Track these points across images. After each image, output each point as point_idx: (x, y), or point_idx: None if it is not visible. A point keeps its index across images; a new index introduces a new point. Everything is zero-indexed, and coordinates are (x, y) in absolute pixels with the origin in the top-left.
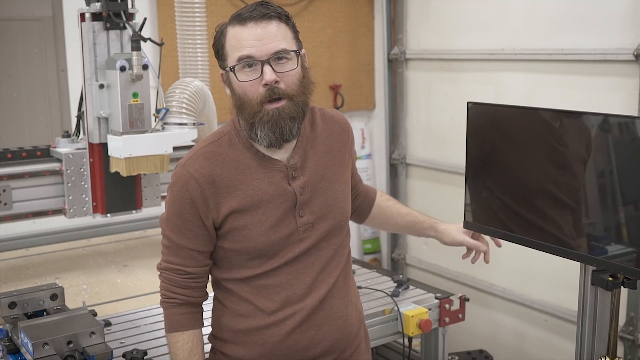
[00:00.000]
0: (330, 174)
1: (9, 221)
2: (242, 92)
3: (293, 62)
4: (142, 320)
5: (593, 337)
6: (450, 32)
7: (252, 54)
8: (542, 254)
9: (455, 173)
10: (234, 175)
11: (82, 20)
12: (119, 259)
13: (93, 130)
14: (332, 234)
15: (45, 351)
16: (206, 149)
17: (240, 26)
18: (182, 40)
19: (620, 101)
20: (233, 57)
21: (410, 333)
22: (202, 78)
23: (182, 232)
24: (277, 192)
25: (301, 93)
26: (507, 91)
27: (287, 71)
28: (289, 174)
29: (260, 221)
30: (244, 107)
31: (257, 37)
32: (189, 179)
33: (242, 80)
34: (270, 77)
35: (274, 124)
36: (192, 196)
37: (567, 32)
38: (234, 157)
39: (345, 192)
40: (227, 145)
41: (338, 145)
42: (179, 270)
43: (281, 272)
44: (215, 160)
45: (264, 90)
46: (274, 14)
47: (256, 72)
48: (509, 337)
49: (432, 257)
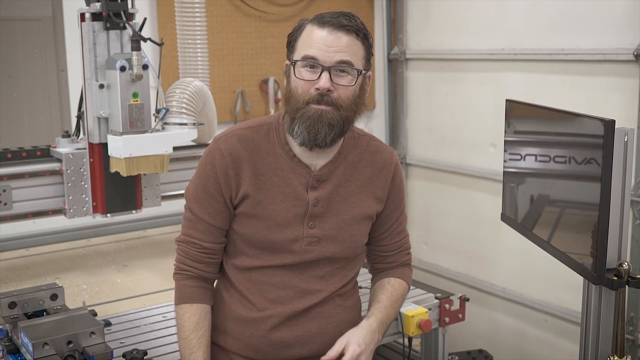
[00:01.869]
0: (354, 201)
1: (9, 221)
2: (294, 86)
3: (352, 78)
4: (142, 320)
5: (597, 337)
6: (450, 32)
7: (317, 57)
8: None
9: (456, 173)
10: (259, 164)
11: (82, 20)
12: (119, 259)
13: (93, 130)
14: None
15: (45, 351)
16: (242, 131)
17: (318, 27)
18: (182, 40)
19: (620, 101)
20: (300, 53)
21: (410, 333)
22: (202, 78)
23: (204, 205)
24: (293, 195)
25: (349, 108)
26: (507, 91)
27: (344, 85)
28: (311, 183)
29: (270, 216)
30: (291, 100)
31: (328, 43)
32: (218, 154)
33: (298, 77)
34: (325, 84)
35: (312, 124)
36: (217, 171)
37: (567, 32)
38: (266, 147)
39: (364, 226)
40: (263, 135)
41: (376, 180)
42: (196, 244)
43: (278, 273)
44: (247, 145)
45: (315, 93)
46: (353, 29)
47: (314, 74)
48: (509, 337)
49: (432, 257)
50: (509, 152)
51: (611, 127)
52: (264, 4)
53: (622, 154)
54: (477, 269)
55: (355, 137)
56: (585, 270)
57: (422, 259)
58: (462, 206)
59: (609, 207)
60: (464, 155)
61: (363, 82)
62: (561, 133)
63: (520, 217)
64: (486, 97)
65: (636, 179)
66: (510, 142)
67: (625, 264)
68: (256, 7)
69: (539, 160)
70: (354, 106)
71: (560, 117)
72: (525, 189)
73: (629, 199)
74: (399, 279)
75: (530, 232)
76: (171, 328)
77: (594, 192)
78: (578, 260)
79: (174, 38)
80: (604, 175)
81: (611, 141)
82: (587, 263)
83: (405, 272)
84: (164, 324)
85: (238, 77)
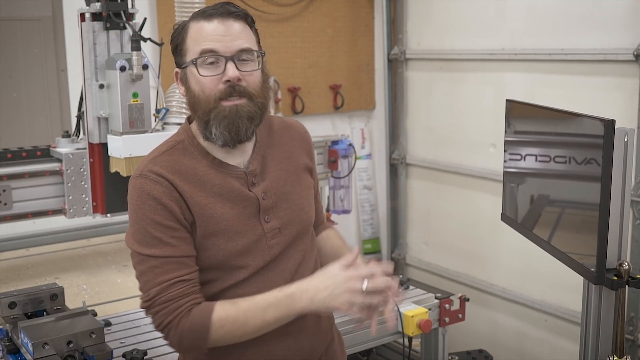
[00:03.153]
0: (293, 179)
1: (9, 221)
2: (199, 88)
3: (255, 63)
4: (142, 320)
5: (597, 337)
6: (450, 32)
7: (216, 49)
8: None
9: (456, 173)
10: (192, 183)
11: (82, 20)
12: (119, 259)
13: (93, 130)
14: (300, 239)
15: (45, 351)
16: (160, 157)
17: (205, 21)
18: None
19: (620, 101)
20: (195, 51)
21: (410, 333)
22: None
23: (164, 242)
24: (239, 198)
25: (261, 95)
26: (507, 91)
27: (250, 70)
28: (249, 180)
29: (226, 228)
30: (199, 104)
31: (221, 33)
32: (152, 184)
33: (203, 75)
34: (234, 73)
35: (231, 122)
36: (162, 200)
37: (567, 32)
38: (190, 164)
39: (309, 196)
40: (180, 154)
41: (298, 151)
42: (176, 282)
43: (251, 282)
44: (171, 168)
45: (224, 87)
46: (241, 14)
47: (218, 68)
48: (509, 337)
49: (432, 257)
50: (509, 152)
51: (611, 127)
52: (264, 4)
53: (622, 154)
54: (477, 269)
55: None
56: (585, 270)
57: (422, 259)
58: (462, 206)
59: (609, 207)
60: (464, 155)
61: (263, 67)
62: (561, 133)
63: (521, 217)
64: (486, 97)
65: (636, 179)
66: (511, 142)
67: (625, 264)
68: (256, 7)
69: (539, 160)
70: (263, 92)
71: (560, 117)
72: (525, 189)
73: (629, 199)
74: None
75: (530, 232)
76: None
77: (594, 192)
78: (578, 260)
79: None
80: (604, 175)
81: (611, 141)
82: (587, 263)
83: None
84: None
85: None
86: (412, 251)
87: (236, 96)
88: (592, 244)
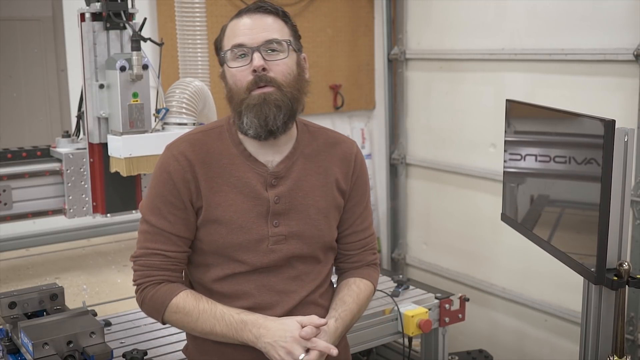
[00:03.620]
0: (317, 194)
1: (9, 221)
2: (232, 81)
3: (284, 52)
4: (142, 320)
5: (597, 337)
6: (450, 32)
7: (243, 42)
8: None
9: (456, 173)
10: (214, 167)
11: (82, 20)
12: (119, 259)
13: (93, 130)
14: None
15: (45, 351)
16: (193, 136)
17: (237, 18)
18: (182, 40)
19: (620, 101)
20: (227, 46)
21: (410, 333)
22: (202, 78)
23: (163, 215)
24: (252, 195)
25: (292, 86)
26: (507, 91)
27: (277, 60)
28: (268, 181)
29: (232, 219)
30: (233, 96)
31: (249, 27)
32: (172, 160)
33: (232, 67)
34: (258, 62)
35: (259, 110)
36: (174, 178)
37: (567, 32)
38: (218, 149)
39: (330, 215)
40: (215, 137)
41: (335, 169)
42: (157, 254)
43: (251, 279)
44: (199, 148)
45: (253, 77)
46: (271, 9)
47: (247, 60)
48: (509, 337)
49: (432, 257)
50: (509, 152)
51: (611, 127)
52: None
53: (622, 154)
54: (477, 269)
55: (311, 131)
56: (585, 270)
57: (422, 259)
58: (462, 206)
59: (609, 207)
60: (464, 155)
61: (299, 60)
62: (561, 133)
63: (521, 217)
64: (486, 97)
65: (636, 179)
66: (511, 142)
67: (626, 264)
68: None
69: (539, 160)
70: (296, 84)
71: (560, 117)
72: (525, 189)
73: (629, 199)
74: (365, 279)
75: (530, 232)
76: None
77: (594, 192)
78: (578, 260)
79: (174, 38)
80: (604, 175)
81: (611, 141)
82: (587, 263)
83: (371, 272)
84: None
85: None
86: (412, 251)
87: (264, 85)
88: (592, 244)
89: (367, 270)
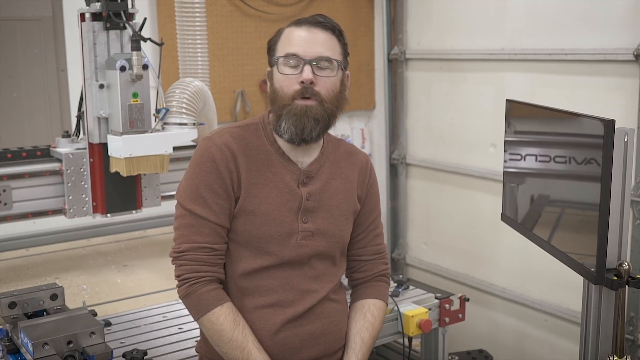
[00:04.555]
0: (340, 196)
1: (9, 221)
2: (279, 85)
3: (333, 71)
4: (142, 320)
5: (597, 337)
6: (450, 32)
7: (298, 53)
8: (542, 254)
9: (455, 173)
10: (253, 160)
11: (82, 20)
12: (119, 259)
13: (93, 130)
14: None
15: (45, 351)
16: (233, 129)
17: (296, 27)
18: (182, 40)
19: (620, 101)
20: (281, 52)
21: (410, 333)
22: (202, 78)
23: (208, 205)
24: (287, 190)
25: (332, 102)
26: (507, 91)
27: (325, 76)
28: (301, 179)
29: (267, 211)
30: (276, 99)
31: (306, 40)
32: (216, 149)
33: (282, 73)
34: (308, 75)
35: (299, 119)
36: (219, 166)
37: (567, 32)
38: (256, 145)
39: (349, 217)
40: (252, 133)
41: (355, 176)
42: (205, 248)
43: (275, 275)
44: (239, 141)
45: (299, 87)
46: (330, 26)
47: (297, 70)
48: (509, 337)
49: (432, 257)
50: (509, 152)
51: (611, 127)
52: (264, 4)
53: (622, 154)
54: (477, 269)
55: (333, 142)
56: (585, 270)
57: (422, 259)
58: (462, 206)
59: (609, 207)
60: (463, 155)
61: (343, 78)
62: (561, 133)
63: (521, 217)
64: (486, 97)
65: (636, 179)
66: (510, 142)
67: (625, 264)
68: (256, 7)
69: (539, 160)
70: (336, 101)
71: (560, 117)
72: (525, 189)
73: (629, 199)
74: (378, 301)
75: (530, 232)
76: (171, 328)
77: (594, 192)
78: (578, 260)
79: (174, 38)
80: (604, 175)
81: (611, 141)
82: (587, 263)
83: (383, 290)
84: (164, 324)
85: (238, 77)
86: (412, 251)
87: (308, 97)
88: (592, 244)
89: (378, 286)
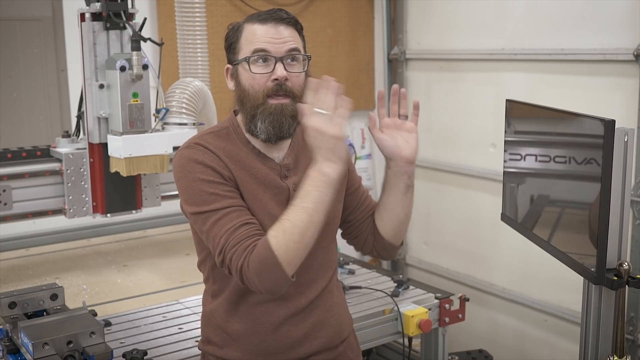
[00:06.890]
0: None
1: (9, 221)
2: (248, 84)
3: (301, 65)
4: (142, 320)
5: (597, 337)
6: (450, 32)
7: (267, 49)
8: (542, 254)
9: (455, 173)
10: (234, 163)
11: (82, 20)
12: (119, 259)
13: (93, 130)
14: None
15: (45, 351)
16: (206, 136)
17: (260, 24)
18: (182, 40)
19: (620, 101)
20: (248, 50)
21: (410, 333)
22: (202, 78)
23: (220, 196)
24: (273, 185)
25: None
26: (507, 91)
27: (296, 72)
28: (282, 172)
29: (261, 207)
30: (247, 99)
31: (274, 36)
32: (199, 151)
33: (254, 72)
34: (282, 73)
35: (275, 119)
36: (210, 164)
37: (567, 32)
38: (232, 149)
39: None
40: (225, 139)
41: None
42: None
43: None
44: (217, 146)
45: (272, 85)
46: (292, 21)
47: (269, 67)
48: (509, 337)
49: (432, 257)
50: (509, 152)
51: (611, 127)
52: (264, 4)
53: (622, 154)
54: (477, 269)
55: None
56: (585, 270)
57: (422, 259)
58: (462, 206)
59: (609, 207)
60: (463, 155)
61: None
62: (561, 133)
63: (520, 217)
64: (486, 97)
65: (636, 179)
66: (510, 142)
67: (625, 264)
68: (256, 7)
69: (539, 160)
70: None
71: (560, 117)
72: (525, 189)
73: (629, 199)
74: None
75: (530, 232)
76: (171, 328)
77: (594, 192)
78: (578, 260)
79: (174, 38)
80: (604, 175)
81: (611, 141)
82: (587, 263)
83: None
84: (164, 324)
85: None
86: (412, 251)
87: (282, 95)
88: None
89: None
